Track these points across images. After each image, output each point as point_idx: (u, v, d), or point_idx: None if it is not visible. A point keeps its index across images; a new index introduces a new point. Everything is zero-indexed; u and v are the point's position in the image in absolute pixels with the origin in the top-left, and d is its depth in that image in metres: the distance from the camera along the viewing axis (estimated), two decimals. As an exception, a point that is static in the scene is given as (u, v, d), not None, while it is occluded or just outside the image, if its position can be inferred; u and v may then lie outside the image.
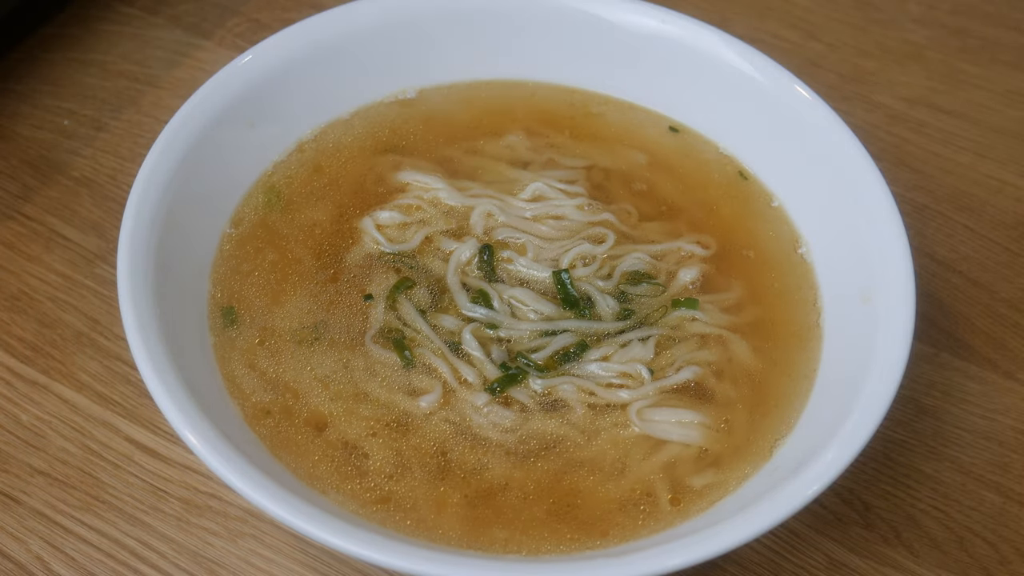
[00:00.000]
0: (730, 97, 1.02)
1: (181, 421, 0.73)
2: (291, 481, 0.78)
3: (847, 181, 0.92)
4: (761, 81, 1.00)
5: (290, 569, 0.88)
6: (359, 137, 1.03)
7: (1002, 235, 1.14)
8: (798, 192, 0.99)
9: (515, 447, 0.83)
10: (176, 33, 1.31)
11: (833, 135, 0.95)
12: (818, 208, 0.96)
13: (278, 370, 0.87)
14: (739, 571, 0.89)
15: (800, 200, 0.99)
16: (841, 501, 0.93)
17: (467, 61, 0.99)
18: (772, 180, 1.01)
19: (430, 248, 0.95)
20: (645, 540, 0.77)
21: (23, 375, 0.99)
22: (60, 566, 0.88)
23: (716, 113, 1.04)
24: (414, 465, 0.82)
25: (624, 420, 0.85)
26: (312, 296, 0.91)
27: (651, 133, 1.06)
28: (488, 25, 1.05)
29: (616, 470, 0.83)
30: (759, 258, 0.96)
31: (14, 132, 1.19)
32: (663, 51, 1.04)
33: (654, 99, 1.07)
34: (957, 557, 0.90)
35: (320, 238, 0.95)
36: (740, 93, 1.01)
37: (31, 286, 1.05)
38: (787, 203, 0.99)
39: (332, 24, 1.01)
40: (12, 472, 0.93)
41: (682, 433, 0.84)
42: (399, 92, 1.06)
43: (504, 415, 0.84)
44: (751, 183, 1.02)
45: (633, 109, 1.08)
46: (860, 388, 0.78)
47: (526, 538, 0.79)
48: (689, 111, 1.06)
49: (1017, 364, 1.03)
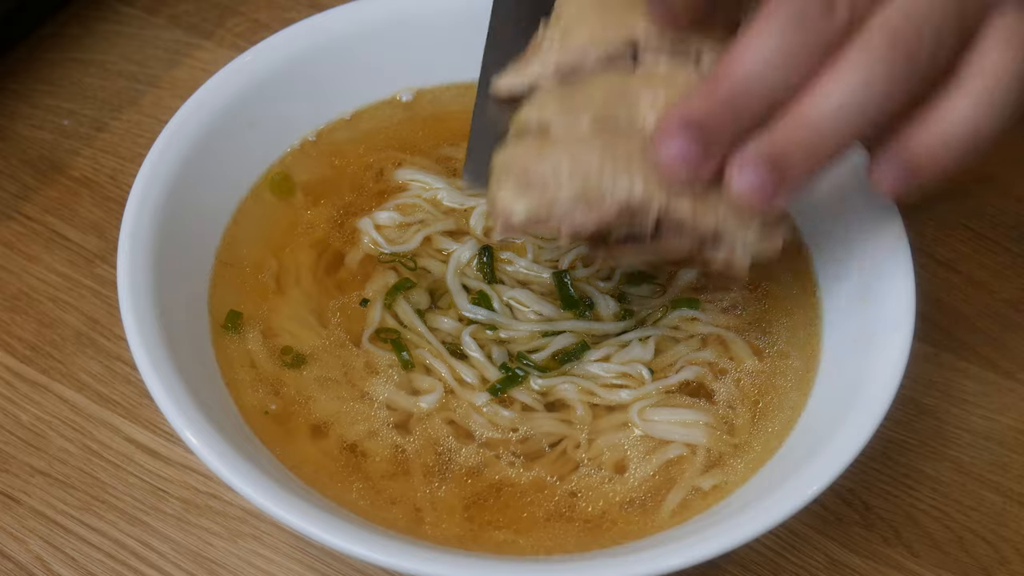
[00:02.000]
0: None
1: (181, 421, 0.73)
2: (291, 481, 0.78)
3: (846, 181, 0.92)
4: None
5: (290, 569, 0.88)
6: (360, 137, 1.03)
7: (1002, 235, 1.14)
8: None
9: (516, 447, 0.83)
10: (176, 33, 1.31)
11: (833, 135, 0.94)
12: (817, 208, 0.96)
13: (278, 370, 0.87)
14: (739, 571, 0.89)
15: (800, 200, 0.98)
16: (841, 501, 0.93)
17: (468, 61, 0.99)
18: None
19: (430, 249, 0.95)
20: (645, 540, 0.77)
21: (23, 375, 0.99)
22: (60, 566, 0.88)
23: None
24: (414, 465, 0.82)
25: (625, 420, 0.85)
26: (312, 296, 0.91)
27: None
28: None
29: (617, 470, 0.83)
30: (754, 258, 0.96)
31: (14, 132, 1.19)
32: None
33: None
34: (957, 557, 0.91)
35: (320, 238, 0.96)
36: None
37: (31, 286, 1.05)
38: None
39: (332, 24, 1.01)
40: (12, 472, 0.93)
41: (683, 433, 0.84)
42: (400, 92, 1.06)
43: (505, 415, 0.84)
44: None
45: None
46: (860, 388, 0.78)
47: (526, 538, 0.79)
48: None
49: (1017, 364, 1.03)
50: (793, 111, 0.65)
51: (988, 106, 0.66)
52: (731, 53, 0.66)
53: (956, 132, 0.67)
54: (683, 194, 0.71)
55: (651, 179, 0.71)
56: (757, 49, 0.65)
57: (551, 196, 0.71)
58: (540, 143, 0.73)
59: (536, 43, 0.81)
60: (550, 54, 0.78)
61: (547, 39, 0.80)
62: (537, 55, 0.80)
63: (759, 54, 0.65)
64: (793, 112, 0.65)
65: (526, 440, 0.84)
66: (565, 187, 0.71)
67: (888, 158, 0.70)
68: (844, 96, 0.64)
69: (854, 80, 0.64)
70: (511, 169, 0.73)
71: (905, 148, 0.69)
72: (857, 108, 0.64)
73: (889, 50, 0.64)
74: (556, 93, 0.76)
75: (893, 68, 0.64)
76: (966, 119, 0.66)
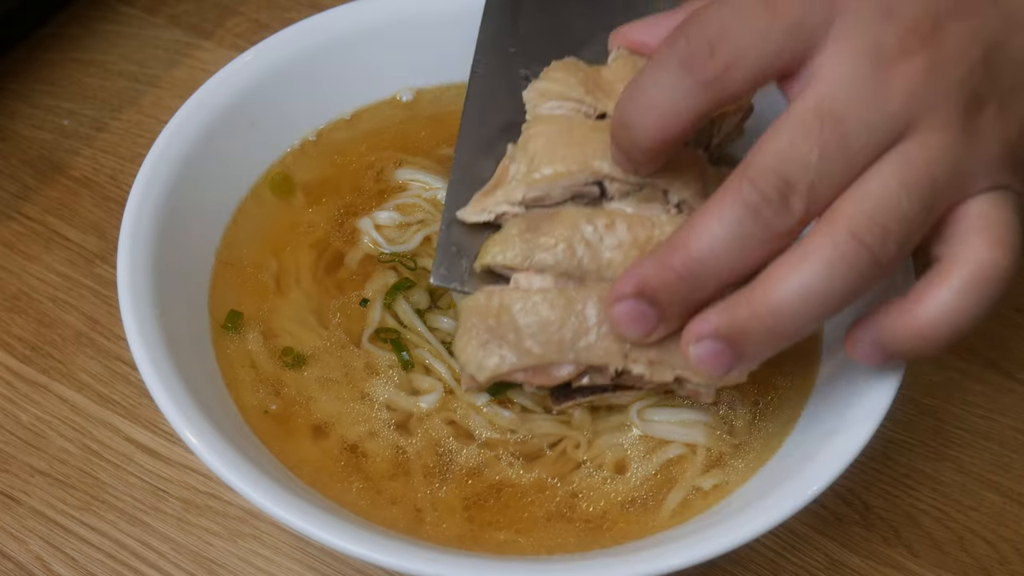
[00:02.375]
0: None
1: (181, 421, 0.73)
2: (291, 481, 0.78)
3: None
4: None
5: (290, 569, 0.88)
6: (360, 137, 1.03)
7: (1002, 235, 1.14)
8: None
9: (516, 448, 0.83)
10: (176, 33, 1.31)
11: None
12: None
13: (278, 370, 0.87)
14: (739, 571, 0.89)
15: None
16: (841, 501, 0.93)
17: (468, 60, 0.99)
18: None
19: (430, 249, 0.95)
20: (645, 540, 0.77)
21: (23, 375, 0.99)
22: (60, 566, 0.88)
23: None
24: (415, 466, 0.82)
25: (625, 421, 0.85)
26: (312, 296, 0.91)
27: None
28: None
29: (617, 470, 0.83)
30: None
31: (14, 132, 1.19)
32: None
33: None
34: (957, 557, 0.91)
35: (320, 238, 0.96)
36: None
37: (31, 286, 1.05)
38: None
39: (332, 24, 1.02)
40: (12, 472, 0.93)
41: (683, 433, 0.84)
42: (400, 91, 1.06)
43: (505, 416, 0.84)
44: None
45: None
46: (860, 388, 0.78)
47: (527, 538, 0.79)
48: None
49: (1017, 364, 1.03)
50: (755, 291, 0.64)
51: (970, 298, 0.64)
52: (687, 229, 0.65)
53: (936, 324, 0.65)
54: (643, 348, 0.74)
55: (612, 336, 0.74)
56: (712, 233, 0.64)
57: (515, 358, 0.75)
58: (503, 298, 0.76)
59: (503, 168, 0.82)
60: (516, 188, 0.80)
61: (513, 169, 0.81)
62: (503, 186, 0.81)
63: (714, 239, 0.64)
64: (754, 292, 0.64)
65: (526, 441, 0.84)
66: (529, 347, 0.75)
67: (866, 337, 0.69)
68: (805, 286, 0.63)
69: (815, 271, 0.62)
70: (476, 326, 0.76)
71: (882, 331, 0.68)
72: (819, 298, 0.63)
73: (854, 245, 0.62)
74: (521, 236, 0.78)
75: (858, 262, 0.62)
76: (947, 312, 0.64)
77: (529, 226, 0.78)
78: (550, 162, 0.78)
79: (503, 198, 0.80)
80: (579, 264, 0.76)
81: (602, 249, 0.76)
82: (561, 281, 0.76)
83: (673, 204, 0.78)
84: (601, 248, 0.76)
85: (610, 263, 0.76)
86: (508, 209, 0.80)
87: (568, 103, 0.81)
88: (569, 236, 0.76)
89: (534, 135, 0.81)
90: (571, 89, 0.81)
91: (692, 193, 0.78)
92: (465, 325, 0.77)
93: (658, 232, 0.76)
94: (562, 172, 0.78)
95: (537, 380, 0.76)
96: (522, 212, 0.80)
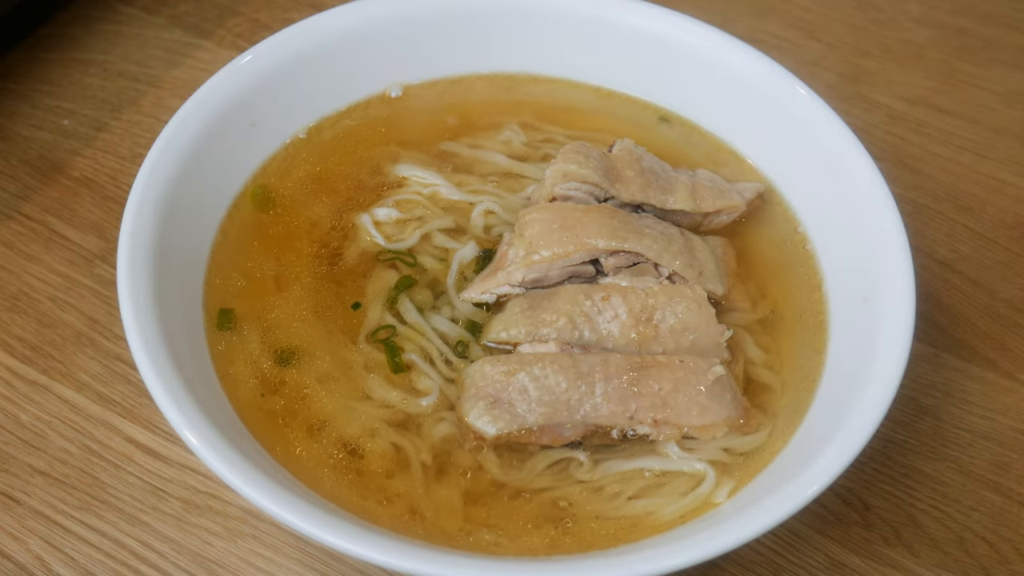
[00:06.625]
0: (728, 96, 1.02)
1: (181, 421, 0.73)
2: (291, 481, 0.78)
3: (847, 181, 0.92)
4: (761, 81, 1.00)
5: (290, 569, 0.88)
6: (358, 135, 1.03)
7: (1002, 235, 1.14)
8: (798, 192, 0.99)
9: (515, 447, 0.83)
10: (176, 33, 1.31)
11: (833, 135, 0.95)
12: (818, 208, 0.96)
13: (277, 370, 0.86)
14: (739, 571, 0.89)
15: (800, 200, 0.99)
16: (841, 501, 0.93)
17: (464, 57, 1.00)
18: (773, 179, 1.01)
19: (428, 246, 0.95)
20: (645, 540, 0.77)
21: (23, 375, 0.99)
22: (60, 566, 0.88)
23: (714, 111, 1.05)
24: (413, 465, 0.82)
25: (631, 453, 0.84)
26: (311, 295, 0.91)
27: (646, 127, 1.06)
28: (485, 22, 1.05)
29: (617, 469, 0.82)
30: (758, 257, 0.97)
31: (14, 132, 1.19)
32: (662, 50, 1.04)
33: (651, 94, 1.08)
34: (957, 557, 0.90)
35: (319, 236, 0.95)
36: (739, 92, 1.01)
37: (31, 286, 1.05)
38: (787, 202, 0.99)
39: (332, 24, 1.02)
40: (12, 472, 0.93)
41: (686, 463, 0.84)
42: (398, 89, 1.06)
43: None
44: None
45: (629, 104, 1.08)
46: (860, 388, 0.78)
47: (525, 538, 0.78)
48: (686, 108, 1.06)
49: (1017, 364, 1.03)
50: None
51: None
52: None
53: None
54: (648, 408, 0.81)
55: (617, 398, 0.80)
56: None
57: (520, 421, 0.80)
58: (510, 363, 0.82)
59: (502, 253, 0.90)
60: (516, 270, 0.87)
61: (512, 253, 0.88)
62: (503, 269, 0.88)
63: None
64: None
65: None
66: (533, 412, 0.80)
67: None
68: None
69: None
70: (481, 392, 0.81)
71: None
72: None
73: None
74: (523, 314, 0.85)
75: None
76: None
77: (531, 304, 0.85)
78: (547, 245, 0.87)
79: (504, 280, 0.87)
80: (580, 336, 0.83)
81: (600, 321, 0.83)
82: (566, 348, 0.83)
83: (664, 276, 0.86)
84: (600, 320, 0.83)
85: (610, 334, 0.83)
86: (509, 291, 0.88)
87: (586, 186, 0.90)
88: (569, 311, 0.83)
89: (530, 222, 0.88)
90: (592, 173, 0.90)
91: (682, 264, 0.86)
92: (472, 388, 0.82)
93: (652, 301, 0.83)
94: (559, 253, 0.86)
95: (544, 439, 0.81)
96: (522, 292, 0.87)
